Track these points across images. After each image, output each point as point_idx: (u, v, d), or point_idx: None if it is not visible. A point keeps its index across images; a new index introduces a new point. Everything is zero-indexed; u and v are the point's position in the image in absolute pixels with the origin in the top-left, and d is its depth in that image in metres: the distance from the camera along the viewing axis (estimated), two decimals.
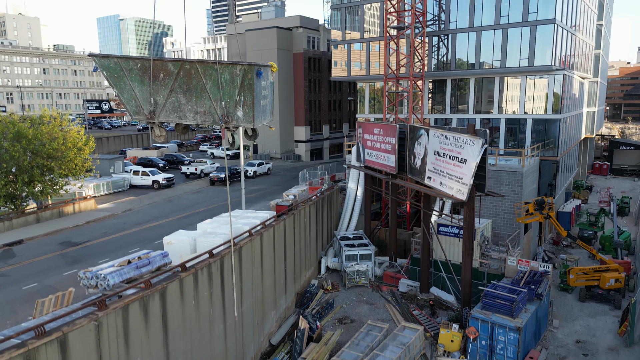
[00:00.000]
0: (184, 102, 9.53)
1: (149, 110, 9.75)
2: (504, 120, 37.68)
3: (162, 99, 9.58)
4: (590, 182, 66.18)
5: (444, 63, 39.09)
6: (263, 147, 67.66)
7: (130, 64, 9.52)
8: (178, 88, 9.45)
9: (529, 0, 34.27)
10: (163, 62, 9.37)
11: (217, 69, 9.09)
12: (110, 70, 9.60)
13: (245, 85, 9.11)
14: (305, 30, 65.13)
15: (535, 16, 34.17)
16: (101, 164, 45.45)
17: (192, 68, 9.22)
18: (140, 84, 9.54)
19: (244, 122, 9.48)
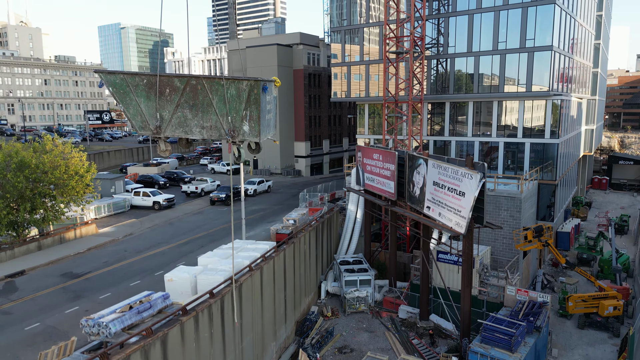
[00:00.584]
0: (190, 117, 9.66)
1: (155, 126, 9.89)
2: (503, 143, 37.94)
3: (168, 114, 9.72)
4: (590, 198, 66.35)
5: (443, 86, 39.42)
6: (263, 163, 67.94)
7: (136, 79, 9.69)
8: (184, 103, 9.59)
9: (527, 27, 34.67)
10: (169, 78, 9.54)
11: (224, 85, 9.25)
12: (116, 86, 9.76)
13: (251, 100, 9.27)
14: (305, 47, 65.63)
15: (532, 42, 34.55)
16: (102, 184, 45.65)
17: (198, 84, 9.39)
18: (146, 99, 9.69)
19: (250, 136, 9.57)
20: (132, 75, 9.64)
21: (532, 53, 34.72)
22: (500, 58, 36.25)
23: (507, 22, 35.48)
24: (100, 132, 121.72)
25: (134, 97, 9.68)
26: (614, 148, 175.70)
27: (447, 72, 39.16)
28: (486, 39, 36.66)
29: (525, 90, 35.43)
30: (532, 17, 34.33)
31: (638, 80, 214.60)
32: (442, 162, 25.63)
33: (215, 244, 31.82)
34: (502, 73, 36.38)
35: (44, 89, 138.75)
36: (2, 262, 26.65)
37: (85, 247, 30.07)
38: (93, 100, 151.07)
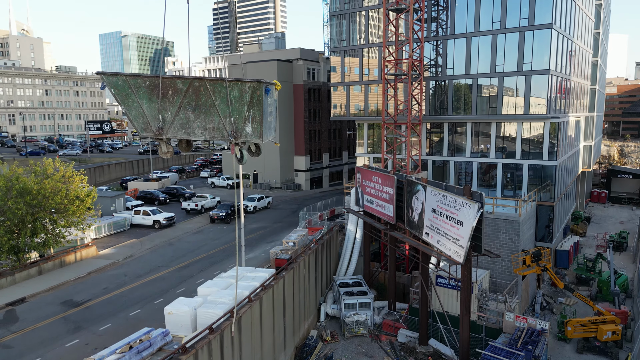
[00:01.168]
0: (192, 118, 9.65)
1: (157, 127, 9.84)
2: (501, 164, 38.17)
3: (170, 115, 9.69)
4: (589, 212, 66.47)
5: (441, 107, 39.73)
6: (263, 177, 68.17)
7: (138, 81, 9.65)
8: (187, 105, 9.56)
9: (524, 51, 35.01)
10: (172, 80, 9.52)
11: (226, 87, 9.24)
12: (118, 88, 9.72)
13: (254, 102, 9.29)
14: (305, 62, 66.10)
15: (530, 66, 34.89)
16: (102, 202, 45.80)
17: (201, 85, 9.38)
18: (148, 101, 9.66)
19: (253, 137, 9.62)
20: (135, 77, 9.64)
21: (530, 76, 35.05)
22: (498, 80, 36.58)
23: (504, 45, 35.84)
24: (100, 143, 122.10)
25: (136, 99, 9.67)
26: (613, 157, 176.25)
27: (446, 93, 39.47)
28: (484, 62, 37.01)
29: (523, 112, 35.72)
30: (530, 41, 34.69)
31: (637, 89, 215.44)
32: (441, 189, 25.82)
33: (215, 267, 31.96)
34: (500, 95, 36.68)
35: (45, 99, 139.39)
36: (3, 288, 26.76)
37: (85, 271, 30.19)
38: (94, 110, 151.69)
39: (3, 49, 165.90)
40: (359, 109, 44.54)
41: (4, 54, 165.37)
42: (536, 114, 35.33)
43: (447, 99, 39.41)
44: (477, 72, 37.35)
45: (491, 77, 36.78)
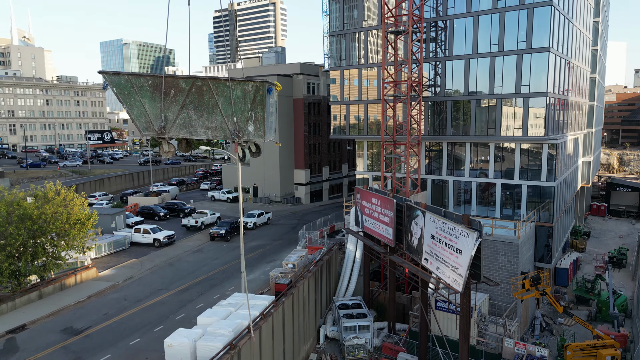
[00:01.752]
0: (195, 117, 9.69)
1: (159, 126, 9.87)
2: (500, 184, 38.35)
3: (172, 114, 9.73)
4: (588, 226, 66.59)
5: (440, 127, 39.98)
6: (263, 191, 68.32)
7: (141, 80, 9.68)
8: (189, 104, 9.60)
9: (522, 73, 35.30)
10: (174, 79, 9.54)
11: (229, 86, 9.32)
12: (120, 87, 9.76)
13: (257, 101, 9.36)
14: (305, 77, 66.48)
15: (527, 88, 35.16)
16: (103, 220, 45.90)
17: (203, 85, 9.42)
18: (150, 100, 9.71)
19: (255, 136, 9.67)
20: (137, 77, 9.69)
21: (528, 98, 35.31)
22: (496, 102, 36.84)
23: (502, 67, 36.15)
24: (101, 154, 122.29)
25: (138, 98, 9.73)
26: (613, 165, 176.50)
27: (445, 113, 39.73)
28: (482, 83, 37.30)
29: (522, 134, 35.95)
30: (527, 64, 35.01)
31: (636, 98, 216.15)
32: (440, 216, 25.97)
33: (215, 290, 32.04)
34: (498, 116, 36.93)
35: (46, 109, 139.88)
36: (4, 314, 26.82)
37: (85, 295, 30.26)
38: (94, 119, 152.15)
39: (4, 59, 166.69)
40: (359, 127, 44.79)
41: (5, 64, 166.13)
42: (534, 135, 35.56)
43: (445, 119, 39.66)
44: (476, 93, 37.62)
45: (489, 98, 37.04)
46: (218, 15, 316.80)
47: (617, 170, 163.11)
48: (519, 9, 34.88)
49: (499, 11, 35.74)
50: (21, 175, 79.78)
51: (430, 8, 39.64)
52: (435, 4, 39.13)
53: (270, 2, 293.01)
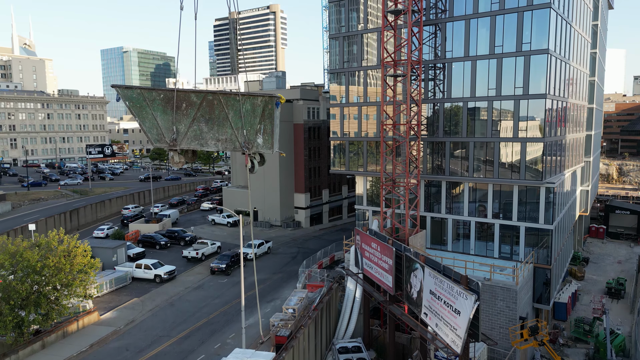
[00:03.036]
0: (205, 130, 10.03)
1: (171, 138, 10.20)
2: (498, 225, 38.69)
3: (184, 127, 10.07)
4: (587, 250, 66.85)
5: (439, 167, 40.36)
6: (263, 215, 68.64)
7: (153, 94, 10.03)
8: (200, 117, 9.92)
9: (519, 116, 35.70)
10: (186, 93, 9.91)
11: (239, 100, 9.64)
12: (132, 101, 10.10)
13: (265, 115, 9.67)
14: (305, 102, 66.96)
15: (525, 134, 35.56)
16: (104, 253, 46.23)
17: (214, 99, 9.77)
18: (162, 113, 10.05)
19: (264, 148, 9.99)
20: (149, 91, 10.06)
21: (525, 143, 35.71)
22: (496, 145, 37.23)
23: (499, 110, 36.56)
24: (102, 169, 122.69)
25: (150, 111, 10.08)
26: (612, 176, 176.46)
27: (443, 152, 40.10)
28: (481, 126, 37.70)
29: (520, 178, 36.31)
30: (525, 107, 35.45)
31: (635, 107, 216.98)
32: (439, 273, 26.28)
33: (216, 337, 32.31)
34: (496, 159, 37.30)
35: (47, 122, 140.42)
36: None
37: (87, 344, 30.52)
38: (95, 132, 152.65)
39: (5, 71, 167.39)
40: (358, 163, 45.18)
41: (7, 76, 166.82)
42: (532, 179, 35.92)
43: (444, 159, 40.04)
44: (474, 136, 38.04)
45: (488, 141, 37.43)
46: (218, 24, 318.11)
47: (617, 181, 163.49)
48: (515, 56, 35.33)
49: (496, 57, 36.21)
50: (22, 197, 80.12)
51: (429, 48, 40.11)
52: (434, 46, 39.60)
53: (270, 11, 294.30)
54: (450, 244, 41.80)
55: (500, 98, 36.19)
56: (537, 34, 34.12)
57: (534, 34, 34.14)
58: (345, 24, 44.56)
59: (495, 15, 35.81)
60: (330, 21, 46.95)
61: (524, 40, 34.72)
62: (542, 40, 34.03)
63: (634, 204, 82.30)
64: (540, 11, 33.69)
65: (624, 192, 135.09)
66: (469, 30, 37.14)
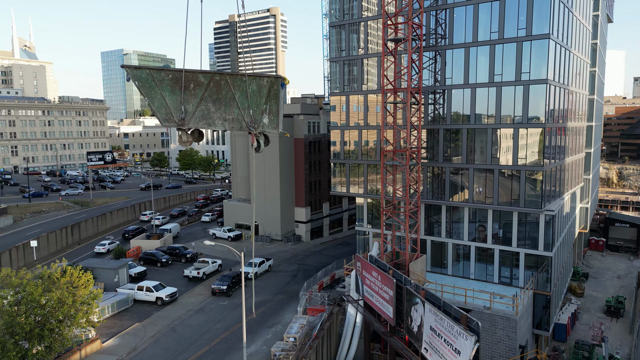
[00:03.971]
0: (213, 110, 10.29)
1: (179, 118, 10.45)
2: (498, 250, 38.89)
3: (192, 107, 10.32)
4: (587, 263, 67.03)
5: (439, 192, 40.57)
6: (264, 229, 68.86)
7: (161, 75, 10.28)
8: (208, 97, 10.17)
9: (518, 146, 35.90)
10: (194, 74, 10.18)
11: (246, 81, 9.88)
12: (142, 81, 10.34)
13: (271, 95, 9.91)
14: (306, 117, 67.18)
15: (524, 161, 35.75)
16: (106, 275, 46.50)
17: (221, 79, 10.05)
18: (171, 93, 10.29)
19: (270, 127, 10.20)
20: (158, 71, 10.32)
21: (524, 171, 35.89)
22: (495, 172, 37.42)
23: (499, 138, 36.76)
24: (103, 177, 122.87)
25: (159, 91, 10.32)
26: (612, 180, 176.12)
27: (443, 177, 40.31)
28: (480, 154, 37.89)
29: (519, 206, 36.52)
30: (524, 135, 35.62)
31: (635, 111, 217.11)
32: (439, 310, 26.49)
33: None
34: (496, 185, 37.51)
35: (47, 129, 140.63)
36: None
37: None
38: (96, 139, 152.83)
39: (6, 77, 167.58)
40: (359, 185, 45.39)
41: (7, 82, 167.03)
42: (531, 209, 36.12)
43: (444, 184, 40.24)
44: (474, 162, 38.23)
45: (487, 169, 37.63)
46: (218, 27, 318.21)
47: (617, 185, 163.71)
48: (514, 85, 35.52)
49: (495, 85, 36.39)
50: (24, 209, 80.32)
51: (429, 73, 40.30)
52: (434, 71, 39.79)
53: (270, 14, 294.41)
54: (450, 266, 42.02)
55: (500, 125, 36.37)
56: (536, 65, 34.31)
57: (533, 64, 34.32)
58: (346, 49, 44.74)
59: (495, 44, 35.99)
60: (330, 41, 47.13)
61: (523, 70, 34.90)
62: (541, 71, 34.23)
63: (633, 216, 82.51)
64: (539, 42, 33.87)
65: (624, 197, 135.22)
66: (469, 57, 37.31)
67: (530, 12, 33.82)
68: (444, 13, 38.57)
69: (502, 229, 38.89)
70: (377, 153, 43.44)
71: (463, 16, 37.09)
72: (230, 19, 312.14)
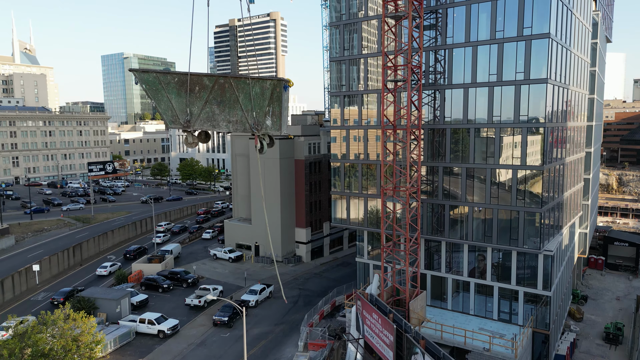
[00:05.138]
0: (217, 112, 10.55)
1: (184, 120, 10.73)
2: (497, 287, 39.20)
3: (197, 109, 10.61)
4: (586, 284, 67.31)
5: (439, 229, 40.87)
6: (264, 250, 69.19)
7: (168, 78, 10.58)
8: (212, 100, 10.44)
9: (517, 189, 36.19)
10: (199, 77, 10.49)
11: (249, 83, 10.16)
12: (149, 84, 10.64)
13: (274, 97, 10.19)
14: (306, 139, 67.48)
15: (522, 202, 36.05)
16: (108, 305, 46.84)
17: (225, 82, 10.32)
18: (177, 96, 10.59)
19: (272, 129, 10.45)
20: (164, 74, 10.62)
21: (523, 212, 36.18)
22: (493, 211, 37.73)
23: (498, 177, 37.05)
24: (103, 189, 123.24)
25: (165, 93, 10.61)
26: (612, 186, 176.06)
27: (442, 213, 40.62)
28: (480, 190, 38.20)
29: (518, 245, 36.82)
30: (523, 177, 35.92)
31: (635, 117, 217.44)
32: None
33: None
34: (495, 227, 37.81)
35: (49, 139, 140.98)
36: None
37: None
38: (96, 148, 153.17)
39: (7, 86, 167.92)
40: (359, 219, 45.70)
41: (8, 91, 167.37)
42: (530, 249, 36.42)
43: (444, 220, 40.54)
44: (473, 200, 38.53)
45: (487, 207, 37.93)
46: (219, 31, 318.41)
47: (617, 191, 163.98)
48: (513, 127, 35.83)
49: (494, 126, 36.69)
50: (26, 228, 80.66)
51: (428, 108, 40.58)
52: (434, 107, 40.07)
53: (270, 18, 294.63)
54: (450, 300, 42.33)
55: (499, 166, 36.68)
56: (533, 108, 34.60)
57: (531, 107, 34.61)
58: (346, 84, 45.04)
59: (493, 87, 36.29)
60: (331, 73, 47.43)
61: (522, 113, 35.20)
62: (540, 114, 34.51)
63: (632, 234, 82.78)
64: (537, 85, 34.17)
65: (624, 204, 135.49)
66: (468, 97, 37.61)
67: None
68: (443, 51, 38.86)
69: (502, 259, 39.17)
70: (377, 190, 43.73)
71: (462, 57, 37.40)
72: (231, 23, 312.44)
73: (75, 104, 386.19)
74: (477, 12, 36.52)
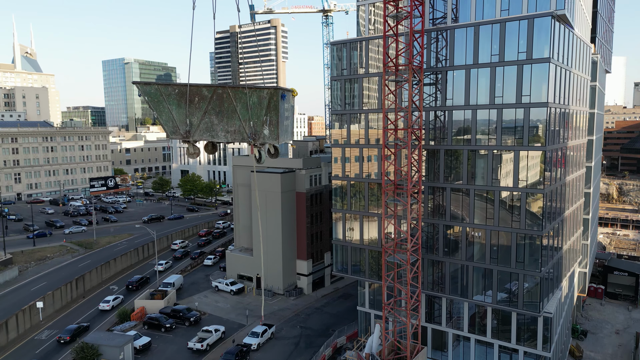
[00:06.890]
0: (216, 122, 10.80)
1: (184, 130, 11.00)
2: (497, 345, 39.59)
3: (196, 120, 10.89)
4: (586, 316, 67.66)
5: (439, 285, 41.27)
6: (266, 282, 69.59)
7: (169, 89, 10.94)
8: (211, 110, 10.69)
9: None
10: (198, 88, 10.80)
11: (247, 93, 10.40)
12: (151, 96, 11.00)
13: (271, 107, 10.38)
14: (307, 171, 67.86)
15: (523, 266, 36.43)
16: (111, 353, 47.25)
17: (224, 92, 10.58)
18: (177, 107, 10.90)
19: (270, 139, 10.61)
20: (165, 86, 11.00)
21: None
22: (494, 271, 38.12)
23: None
24: (105, 207, 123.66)
25: (166, 105, 10.95)
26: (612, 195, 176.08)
27: (443, 271, 41.03)
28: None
29: (517, 307, 37.20)
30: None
31: (635, 125, 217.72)
32: None
33: None
34: (495, 285, 38.20)
35: (50, 155, 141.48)
36: None
37: None
38: (98, 162, 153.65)
39: (9, 99, 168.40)
40: (361, 268, 46.12)
41: (10, 104, 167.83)
42: (529, 311, 36.80)
43: (444, 277, 40.94)
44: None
45: (486, 267, 38.31)
46: (219, 37, 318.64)
47: (617, 201, 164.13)
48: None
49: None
50: (28, 256, 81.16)
51: (427, 172, 40.96)
52: (433, 175, 40.45)
53: (271, 25, 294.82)
54: (450, 352, 42.74)
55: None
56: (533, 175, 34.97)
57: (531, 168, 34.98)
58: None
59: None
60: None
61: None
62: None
63: (632, 263, 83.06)
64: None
65: (624, 215, 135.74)
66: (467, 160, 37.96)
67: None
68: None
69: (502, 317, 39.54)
70: (378, 237, 44.13)
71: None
72: (232, 30, 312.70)
73: (76, 109, 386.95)
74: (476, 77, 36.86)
